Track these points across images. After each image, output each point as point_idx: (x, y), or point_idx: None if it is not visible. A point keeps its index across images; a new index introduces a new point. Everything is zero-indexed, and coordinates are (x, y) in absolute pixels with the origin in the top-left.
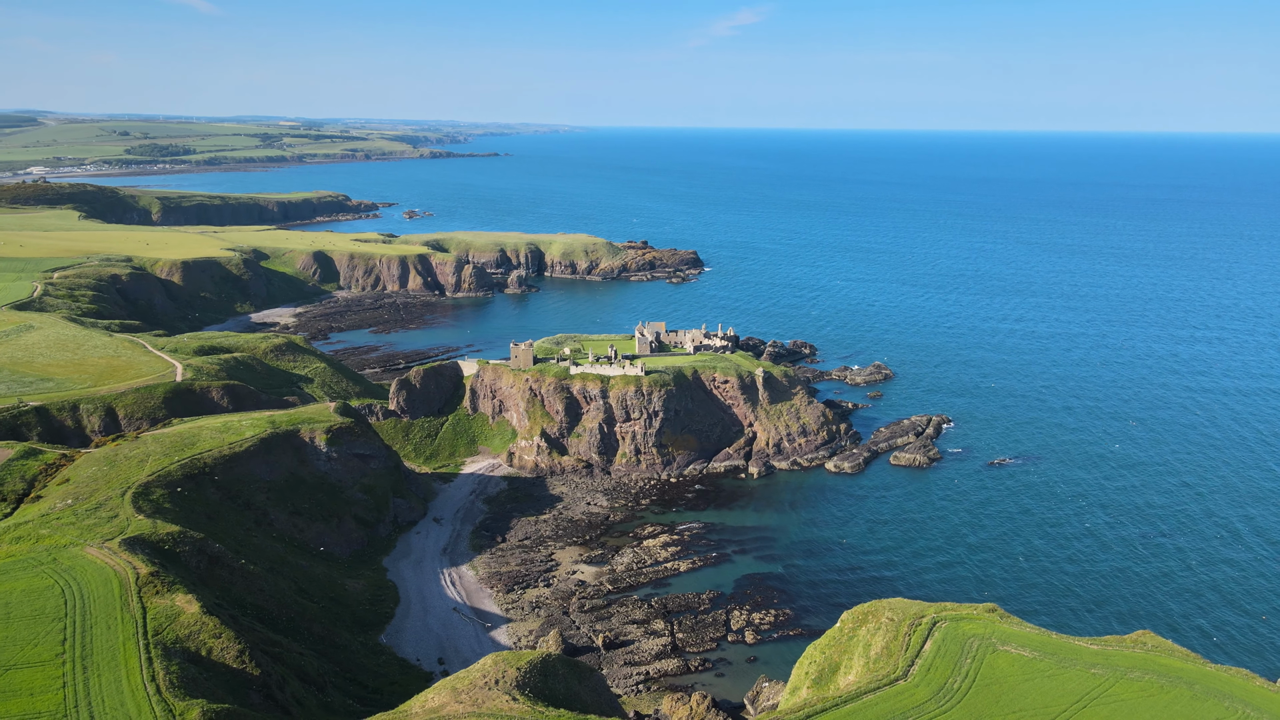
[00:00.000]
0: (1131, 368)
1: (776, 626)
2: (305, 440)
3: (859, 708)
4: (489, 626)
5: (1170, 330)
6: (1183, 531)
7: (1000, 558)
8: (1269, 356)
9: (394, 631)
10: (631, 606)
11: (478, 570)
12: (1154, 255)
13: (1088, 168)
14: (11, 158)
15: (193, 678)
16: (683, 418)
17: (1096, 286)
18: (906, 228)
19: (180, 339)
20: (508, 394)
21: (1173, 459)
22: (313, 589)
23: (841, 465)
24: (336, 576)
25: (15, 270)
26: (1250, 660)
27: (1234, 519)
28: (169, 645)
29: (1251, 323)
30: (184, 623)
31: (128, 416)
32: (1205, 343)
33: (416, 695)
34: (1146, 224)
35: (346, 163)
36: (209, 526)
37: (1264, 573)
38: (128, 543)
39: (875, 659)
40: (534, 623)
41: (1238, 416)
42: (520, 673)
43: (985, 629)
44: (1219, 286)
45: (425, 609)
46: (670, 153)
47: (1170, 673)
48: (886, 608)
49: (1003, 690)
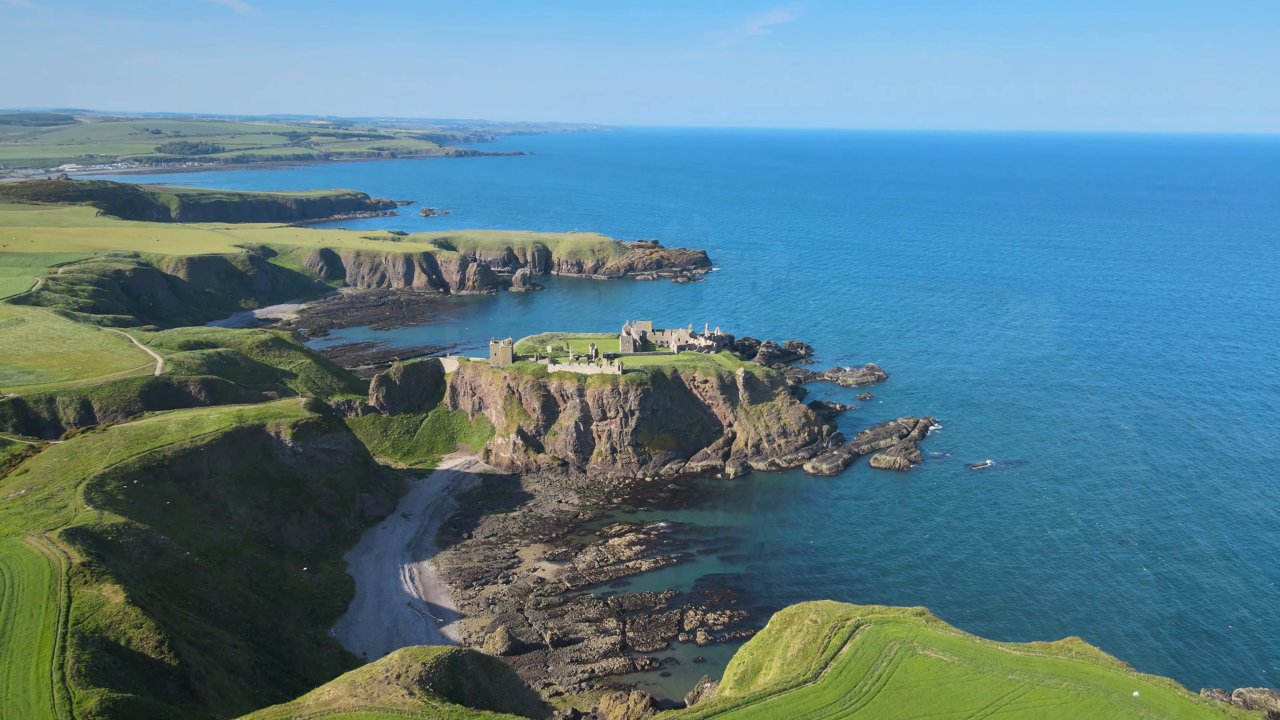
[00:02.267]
0: (1136, 374)
1: (730, 627)
2: (271, 435)
3: (761, 708)
4: (441, 622)
5: (1180, 337)
6: (1147, 548)
7: (955, 564)
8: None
9: (345, 625)
10: (587, 605)
11: (439, 566)
12: (1171, 258)
13: (1133, 168)
14: (45, 155)
15: (104, 666)
16: (660, 417)
17: (1109, 291)
18: (923, 229)
19: (169, 333)
20: (486, 391)
21: (1158, 473)
22: (264, 581)
23: (820, 467)
24: (291, 570)
25: (22, 265)
26: (1183, 672)
27: (1202, 537)
28: (87, 634)
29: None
30: (106, 612)
31: (103, 409)
32: (1219, 351)
33: (315, 689)
34: (1168, 225)
35: (372, 161)
36: (162, 519)
37: (1224, 593)
38: (69, 533)
39: (791, 660)
40: (486, 619)
41: (1238, 433)
42: (425, 668)
43: (908, 633)
44: (1236, 291)
45: (380, 603)
46: (697, 152)
47: (1090, 680)
48: (813, 609)
49: (912, 694)
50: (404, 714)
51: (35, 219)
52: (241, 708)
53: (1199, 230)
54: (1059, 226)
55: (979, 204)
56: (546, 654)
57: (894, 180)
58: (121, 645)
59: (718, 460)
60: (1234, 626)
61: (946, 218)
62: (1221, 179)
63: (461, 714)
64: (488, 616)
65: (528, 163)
